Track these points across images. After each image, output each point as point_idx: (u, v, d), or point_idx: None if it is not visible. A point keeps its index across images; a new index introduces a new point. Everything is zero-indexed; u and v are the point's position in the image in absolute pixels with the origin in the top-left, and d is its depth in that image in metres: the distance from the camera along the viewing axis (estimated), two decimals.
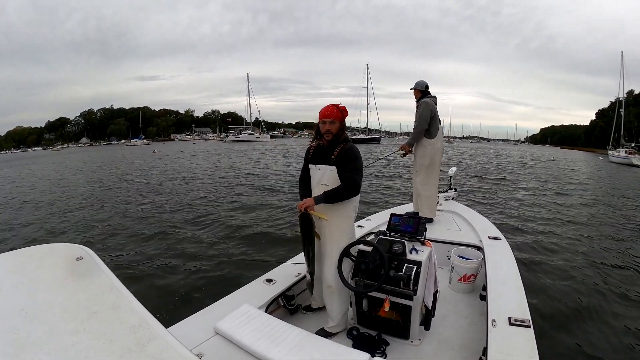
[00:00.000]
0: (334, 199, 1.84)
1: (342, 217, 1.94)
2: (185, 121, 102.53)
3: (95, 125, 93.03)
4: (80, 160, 27.82)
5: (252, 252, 4.63)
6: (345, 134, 1.95)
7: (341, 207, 1.91)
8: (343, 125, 1.93)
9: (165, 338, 0.77)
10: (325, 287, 1.99)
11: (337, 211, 1.92)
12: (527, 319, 1.63)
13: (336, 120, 1.89)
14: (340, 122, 1.91)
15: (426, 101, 3.41)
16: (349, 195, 1.87)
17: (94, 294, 0.88)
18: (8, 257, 1.01)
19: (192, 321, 1.71)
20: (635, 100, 39.58)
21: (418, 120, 3.41)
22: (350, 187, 1.84)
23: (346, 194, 1.86)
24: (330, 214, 1.91)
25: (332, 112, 1.88)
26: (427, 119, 3.38)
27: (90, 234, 5.74)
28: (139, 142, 67.05)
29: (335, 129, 1.89)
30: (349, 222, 1.98)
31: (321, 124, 1.91)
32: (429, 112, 3.37)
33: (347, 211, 1.94)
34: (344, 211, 1.93)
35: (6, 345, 0.70)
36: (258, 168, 16.25)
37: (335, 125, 1.89)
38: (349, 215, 1.96)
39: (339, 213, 1.92)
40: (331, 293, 1.96)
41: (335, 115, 1.88)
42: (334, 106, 1.91)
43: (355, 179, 1.84)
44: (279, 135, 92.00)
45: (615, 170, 20.55)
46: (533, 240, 5.15)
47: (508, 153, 35.91)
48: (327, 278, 1.97)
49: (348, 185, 1.84)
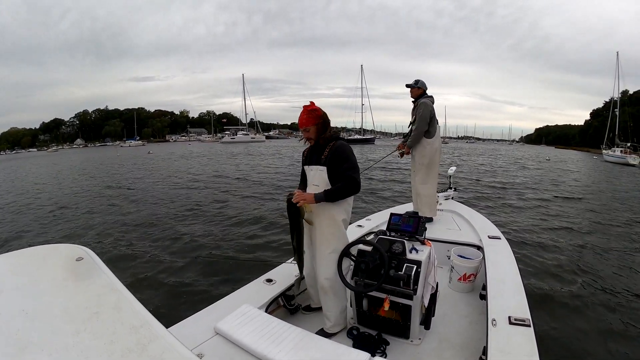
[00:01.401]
0: (334, 197, 1.84)
1: (334, 220, 1.92)
2: (181, 122, 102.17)
3: (90, 126, 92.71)
4: (76, 160, 27.77)
5: (252, 252, 4.63)
6: (328, 132, 1.94)
7: (332, 208, 1.90)
8: (320, 126, 1.92)
9: (166, 338, 0.77)
10: (319, 288, 2.00)
11: (328, 212, 1.91)
12: (527, 318, 1.63)
13: (309, 127, 1.91)
14: (315, 125, 1.91)
15: (425, 102, 3.42)
16: (350, 192, 1.87)
17: (94, 294, 0.87)
18: (8, 257, 1.00)
19: (192, 321, 1.70)
20: (630, 100, 39.73)
21: (418, 121, 3.41)
22: (349, 185, 1.84)
23: (346, 191, 1.86)
24: (322, 216, 1.91)
25: (302, 120, 1.92)
26: (427, 119, 3.39)
27: (90, 234, 5.72)
28: (134, 143, 66.76)
29: (312, 134, 1.93)
30: (340, 225, 1.95)
31: (302, 132, 1.97)
32: (428, 113, 3.39)
33: (338, 213, 1.92)
34: (335, 212, 1.92)
35: (7, 346, 0.70)
36: (258, 170, 16.24)
37: (311, 130, 1.92)
38: (340, 217, 1.94)
39: (330, 215, 1.91)
40: (324, 293, 1.96)
41: (306, 123, 1.91)
42: (303, 113, 1.92)
43: (353, 177, 1.84)
44: (275, 136, 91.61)
45: (610, 169, 20.61)
46: (533, 239, 5.17)
47: (504, 153, 35.92)
48: (319, 279, 1.98)
49: (348, 184, 1.84)
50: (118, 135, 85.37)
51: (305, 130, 1.93)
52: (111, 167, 19.32)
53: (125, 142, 70.75)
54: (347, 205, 1.97)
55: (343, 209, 1.94)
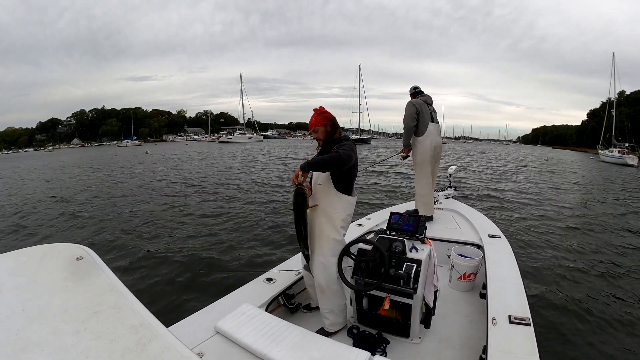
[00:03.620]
0: (315, 167, 1.81)
1: (332, 222, 1.93)
2: (178, 122, 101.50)
3: (87, 126, 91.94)
4: (73, 159, 27.73)
5: (252, 251, 4.63)
6: (337, 134, 1.99)
7: (331, 211, 1.91)
8: (329, 128, 1.97)
9: (166, 337, 0.77)
10: (316, 287, 2.01)
11: (327, 215, 1.92)
12: (527, 317, 1.63)
13: (318, 128, 1.97)
14: (324, 126, 1.96)
15: (409, 102, 3.55)
16: (329, 164, 1.81)
17: (94, 294, 0.87)
18: (8, 257, 1.00)
19: (192, 320, 1.70)
20: (627, 100, 39.83)
21: (403, 121, 3.55)
22: (332, 157, 1.80)
23: (328, 163, 1.81)
24: (320, 217, 1.93)
25: (311, 122, 1.99)
26: (410, 117, 3.48)
27: (90, 234, 5.73)
28: (131, 143, 66.35)
29: (320, 135, 1.98)
30: (337, 228, 1.94)
31: (312, 133, 2.03)
32: (411, 111, 3.49)
33: (338, 215, 1.93)
34: (334, 214, 1.92)
35: (7, 346, 0.70)
36: (258, 168, 16.24)
37: (319, 131, 1.97)
38: (339, 219, 1.93)
39: (329, 217, 1.92)
40: (321, 292, 1.97)
41: (315, 124, 1.97)
42: (313, 115, 1.99)
43: (339, 152, 1.82)
44: (272, 135, 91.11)
45: (609, 170, 20.61)
46: (533, 238, 5.17)
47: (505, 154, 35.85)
48: (315, 278, 1.99)
49: (330, 156, 1.81)
50: (115, 135, 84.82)
51: (314, 130, 1.99)
52: (112, 166, 19.33)
53: (122, 141, 70.25)
54: (349, 206, 1.96)
55: (343, 209, 1.94)
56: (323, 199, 1.93)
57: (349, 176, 1.94)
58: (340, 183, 1.92)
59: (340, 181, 1.92)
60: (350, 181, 1.95)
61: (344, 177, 1.92)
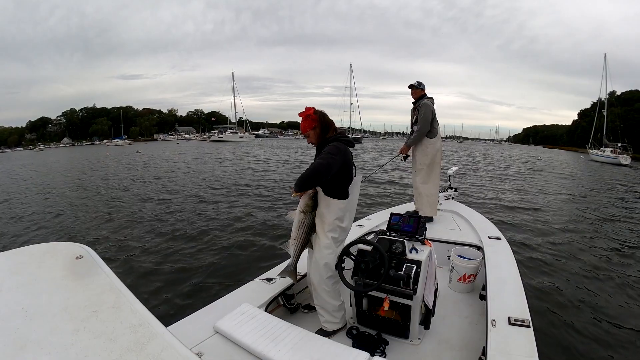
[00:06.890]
0: (301, 187, 1.80)
1: (322, 225, 1.92)
2: (169, 121, 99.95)
3: (77, 124, 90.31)
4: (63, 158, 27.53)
5: (252, 251, 4.63)
6: (330, 131, 1.96)
7: (322, 214, 1.91)
8: (318, 130, 1.93)
9: (165, 337, 0.77)
10: (309, 284, 2.04)
11: (320, 218, 1.92)
12: (527, 318, 1.63)
13: (308, 132, 1.95)
14: (313, 129, 1.93)
15: (426, 103, 3.48)
16: (309, 178, 1.78)
17: (94, 293, 0.87)
18: (8, 256, 1.00)
19: (192, 320, 1.70)
20: (618, 100, 39.85)
21: (421, 122, 3.47)
22: (308, 174, 1.78)
23: (308, 179, 1.79)
24: (317, 219, 1.94)
25: (301, 127, 1.97)
26: (429, 120, 3.46)
27: (90, 233, 5.73)
28: (121, 142, 64.83)
29: (313, 139, 1.97)
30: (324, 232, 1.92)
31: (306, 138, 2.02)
32: (430, 114, 3.46)
33: (327, 219, 1.91)
34: (324, 218, 1.91)
35: (6, 345, 0.70)
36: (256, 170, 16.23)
37: (310, 135, 1.96)
38: (327, 223, 1.91)
39: (321, 220, 1.92)
40: (314, 290, 1.99)
41: (304, 129, 1.95)
42: (302, 121, 1.95)
43: (315, 165, 1.79)
44: (264, 135, 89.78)
45: (603, 169, 20.59)
46: (533, 240, 5.16)
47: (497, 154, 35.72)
48: (308, 276, 2.01)
49: (308, 172, 1.79)
50: (105, 134, 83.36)
51: (306, 135, 1.97)
52: (105, 167, 19.32)
53: (111, 141, 68.83)
54: (338, 210, 1.90)
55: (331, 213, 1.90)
56: (319, 202, 1.93)
57: (336, 182, 1.88)
58: (328, 188, 1.89)
59: (328, 186, 1.88)
60: (339, 186, 1.90)
61: (330, 182, 1.87)
